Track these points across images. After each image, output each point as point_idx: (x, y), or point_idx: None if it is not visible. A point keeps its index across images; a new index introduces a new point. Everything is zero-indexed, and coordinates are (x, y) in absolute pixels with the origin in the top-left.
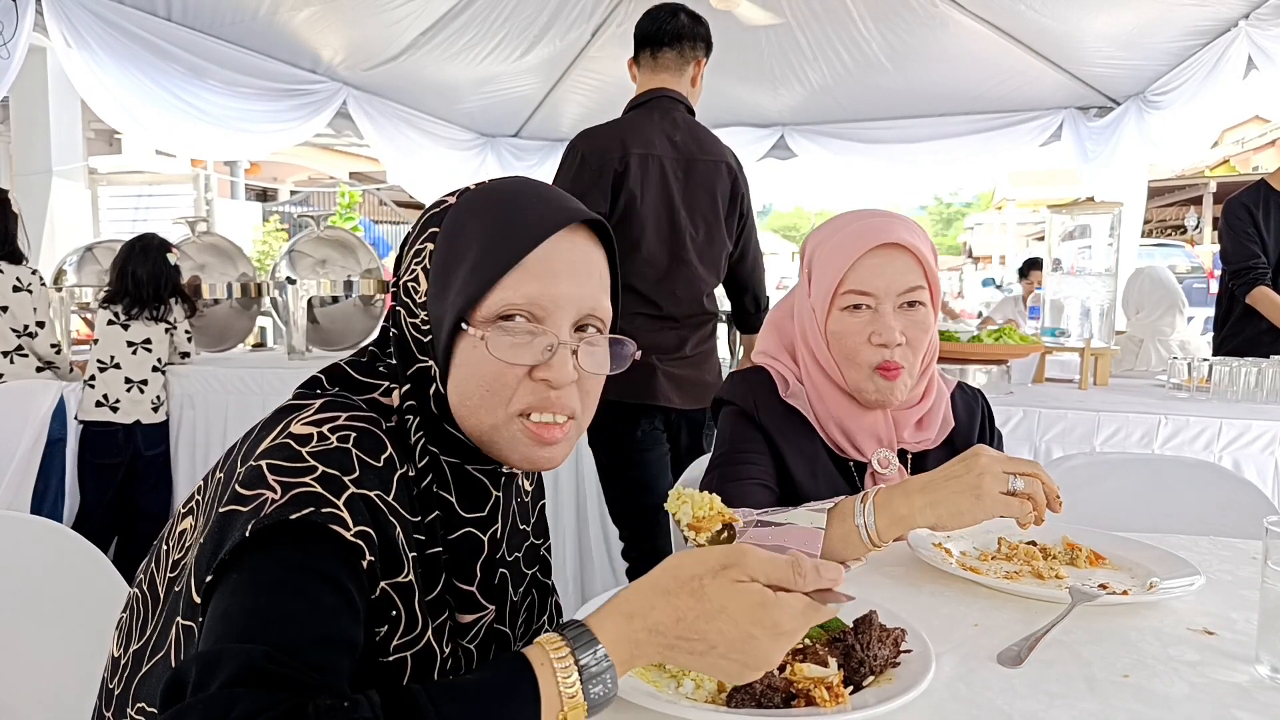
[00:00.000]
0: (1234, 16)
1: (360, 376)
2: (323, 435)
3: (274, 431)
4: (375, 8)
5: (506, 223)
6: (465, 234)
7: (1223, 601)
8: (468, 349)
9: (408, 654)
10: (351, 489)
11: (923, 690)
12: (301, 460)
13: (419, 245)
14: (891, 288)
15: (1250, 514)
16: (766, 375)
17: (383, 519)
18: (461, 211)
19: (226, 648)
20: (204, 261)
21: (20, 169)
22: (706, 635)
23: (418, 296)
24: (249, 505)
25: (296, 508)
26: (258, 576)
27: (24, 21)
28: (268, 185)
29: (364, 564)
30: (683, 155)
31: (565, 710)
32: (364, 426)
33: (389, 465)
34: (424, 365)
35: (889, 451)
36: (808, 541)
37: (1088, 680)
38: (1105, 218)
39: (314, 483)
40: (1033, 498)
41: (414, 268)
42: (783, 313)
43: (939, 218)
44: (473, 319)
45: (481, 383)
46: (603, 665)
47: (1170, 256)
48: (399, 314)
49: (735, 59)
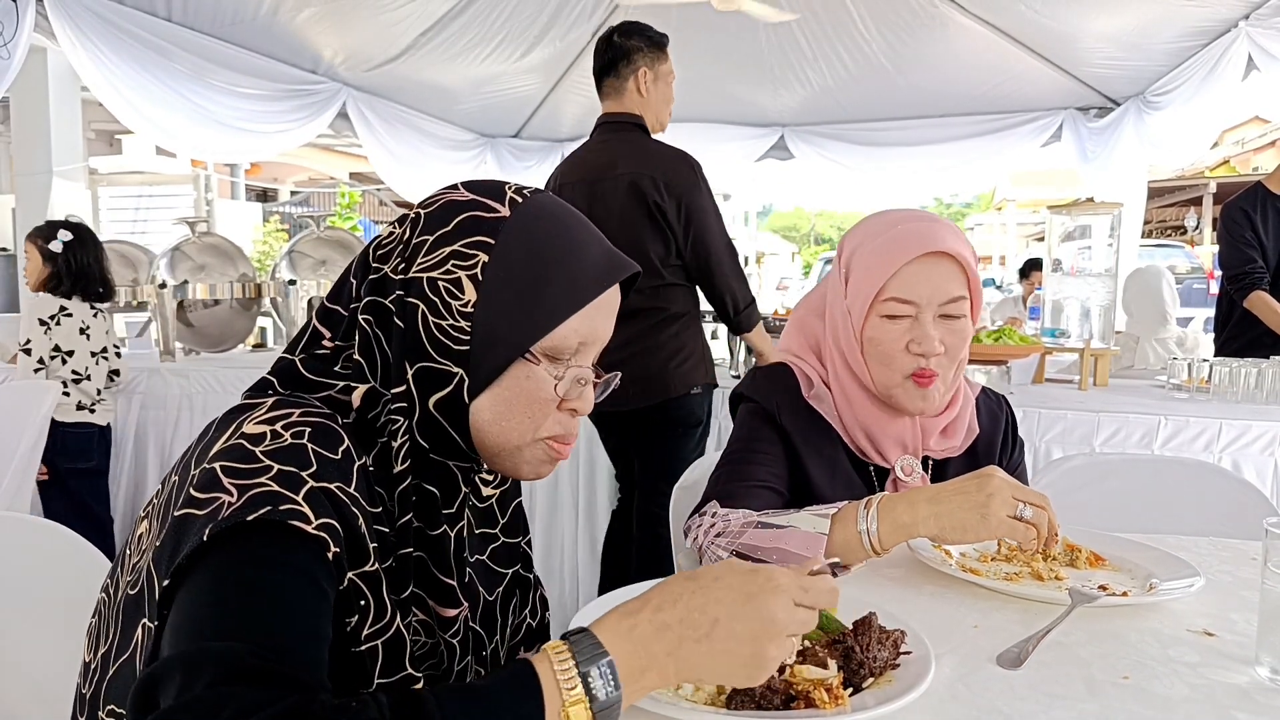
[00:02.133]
0: (1234, 17)
1: (314, 376)
2: (276, 433)
3: (226, 433)
4: (375, 8)
5: (576, 260)
6: (533, 259)
7: (1222, 603)
8: (520, 374)
9: (378, 642)
10: (310, 483)
11: (922, 692)
12: (255, 460)
13: (461, 249)
14: (934, 297)
15: (1250, 515)
16: (790, 373)
17: (345, 510)
18: (523, 231)
19: (207, 647)
20: (204, 262)
21: (20, 169)
22: (706, 607)
23: (456, 302)
24: (205, 509)
25: (253, 508)
26: (226, 575)
27: (24, 22)
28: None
29: (329, 555)
30: (593, 175)
31: (566, 708)
32: (319, 421)
33: (347, 457)
34: (439, 368)
35: (913, 459)
36: (809, 545)
37: (1087, 681)
38: (1105, 218)
39: (270, 482)
40: (1036, 528)
41: (453, 270)
42: (808, 310)
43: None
44: (534, 350)
45: (524, 407)
46: (604, 665)
47: (1170, 257)
48: (417, 311)
49: (735, 59)
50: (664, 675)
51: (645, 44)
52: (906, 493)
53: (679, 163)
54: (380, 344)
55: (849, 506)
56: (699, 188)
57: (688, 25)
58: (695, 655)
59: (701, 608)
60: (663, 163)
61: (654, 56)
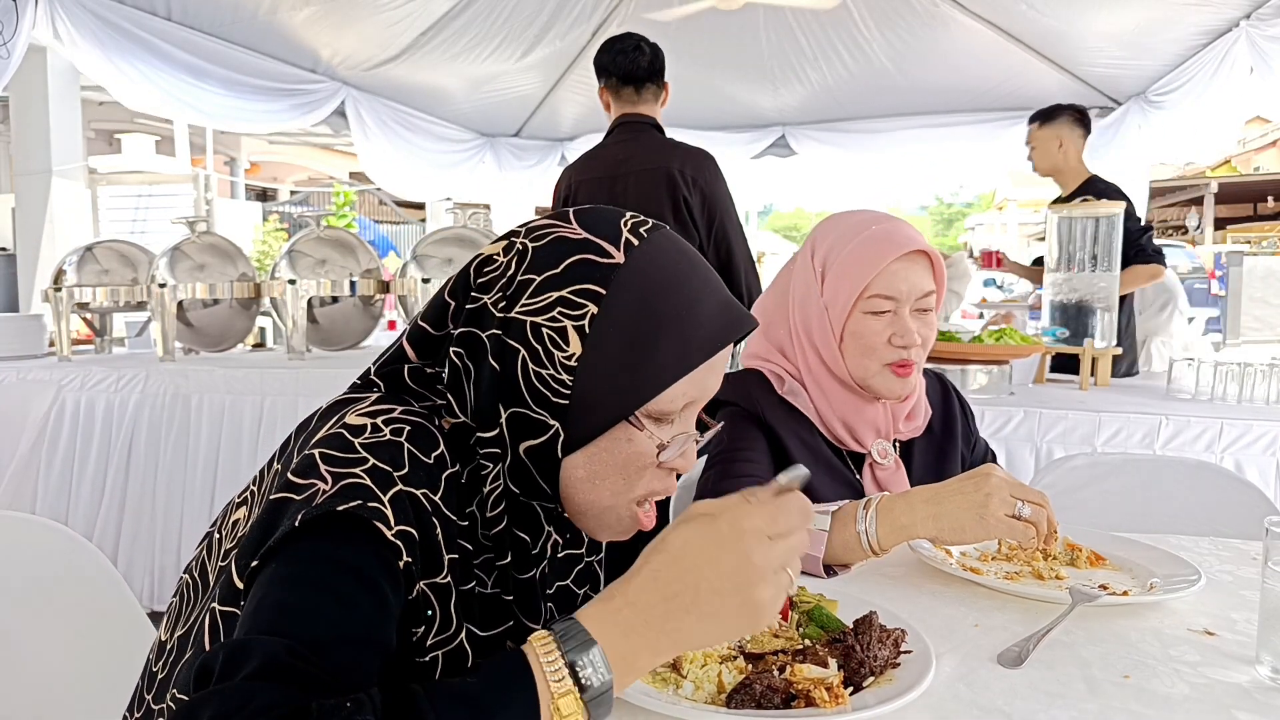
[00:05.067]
0: (1235, 17)
1: (417, 386)
2: (377, 427)
3: (330, 421)
4: (375, 8)
5: (691, 317)
6: (645, 315)
7: (1223, 602)
8: (621, 436)
9: (440, 653)
10: (399, 485)
11: (923, 691)
12: (353, 450)
13: (569, 296)
14: (912, 292)
15: (1251, 515)
16: (759, 375)
17: (425, 518)
18: (636, 283)
19: (255, 639)
20: (204, 261)
21: (20, 169)
22: (684, 575)
23: (560, 353)
24: (301, 494)
25: (344, 499)
26: (295, 570)
27: (24, 21)
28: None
29: (401, 564)
30: (624, 169)
31: (555, 699)
32: (419, 421)
33: (440, 463)
34: (535, 418)
35: (885, 442)
36: (810, 543)
37: (1088, 681)
38: (1106, 218)
39: (363, 474)
40: (1035, 526)
41: (559, 319)
42: (766, 314)
43: (940, 218)
44: (639, 414)
45: (621, 469)
46: (591, 650)
47: (1171, 257)
48: (517, 357)
49: (735, 59)
50: (658, 652)
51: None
52: (905, 494)
53: (702, 157)
54: (470, 378)
55: (848, 506)
56: (721, 181)
57: (688, 25)
58: (687, 625)
59: (680, 577)
60: (687, 157)
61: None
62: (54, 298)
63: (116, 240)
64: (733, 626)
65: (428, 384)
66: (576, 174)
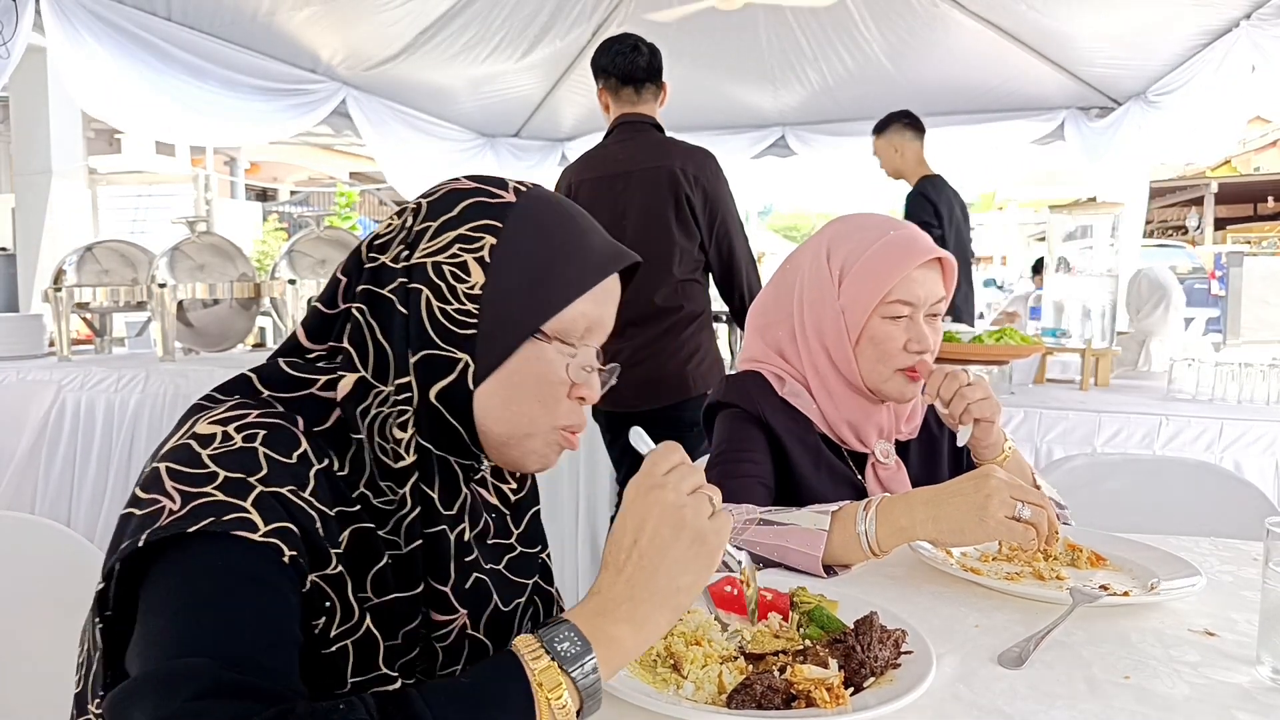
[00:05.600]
0: (1235, 17)
1: (296, 372)
2: (227, 435)
3: (181, 430)
4: (374, 8)
5: (582, 244)
6: (541, 245)
7: (1224, 602)
8: (530, 355)
9: (348, 642)
10: (259, 488)
11: (923, 691)
12: (201, 465)
13: (467, 233)
14: (928, 299)
15: (1251, 515)
16: (759, 376)
17: (299, 514)
18: (529, 215)
19: (174, 665)
20: (204, 261)
21: (20, 169)
22: (629, 549)
23: (462, 285)
24: (144, 509)
25: (195, 519)
26: (181, 589)
27: (23, 21)
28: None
29: (286, 559)
30: (626, 168)
31: (536, 675)
32: (274, 423)
33: (303, 461)
34: (443, 355)
35: (887, 443)
36: (809, 543)
37: (1089, 681)
38: (1106, 218)
39: (215, 491)
40: (1035, 528)
41: (459, 254)
42: (766, 317)
43: None
44: (545, 329)
45: (535, 390)
46: (561, 626)
47: (1171, 257)
48: (420, 296)
49: (735, 59)
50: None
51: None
52: (905, 495)
53: (704, 156)
54: (374, 334)
55: (849, 506)
56: (722, 180)
57: (687, 26)
58: (654, 585)
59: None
60: (689, 155)
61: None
62: (54, 298)
63: (116, 240)
64: (691, 564)
65: (308, 366)
66: (577, 174)
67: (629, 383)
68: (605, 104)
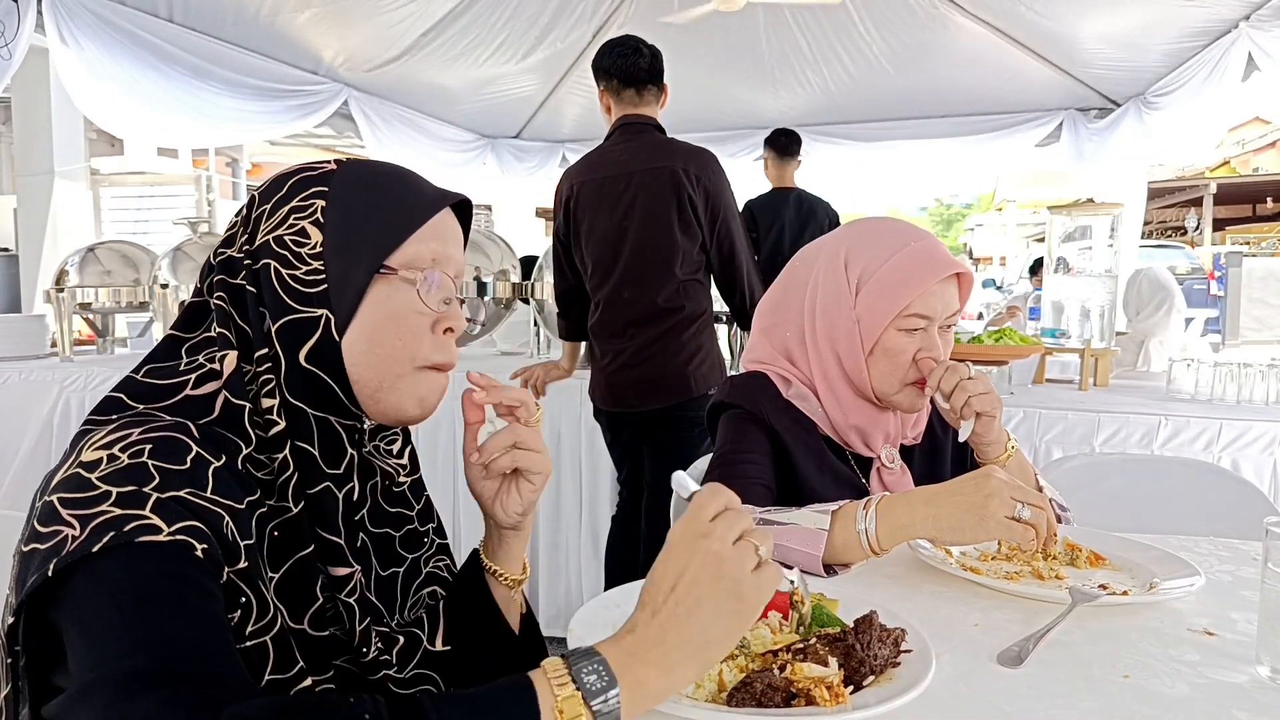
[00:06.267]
0: (1234, 18)
1: (161, 380)
2: (113, 456)
3: (66, 463)
4: (376, 9)
5: (408, 191)
6: (368, 194)
7: (1223, 602)
8: (382, 294)
9: (266, 639)
10: (155, 495)
11: (923, 690)
12: (92, 488)
13: (299, 203)
14: (945, 312)
15: (1250, 514)
16: (764, 378)
17: (203, 512)
18: (352, 175)
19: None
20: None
21: (22, 170)
22: (679, 581)
23: (304, 248)
24: (47, 543)
25: (97, 538)
26: (101, 605)
27: (25, 22)
28: None
29: (198, 553)
30: (627, 170)
31: (558, 702)
32: (160, 436)
33: (197, 463)
34: (303, 316)
35: (893, 449)
36: (810, 542)
37: (1088, 680)
38: (1105, 219)
39: (111, 508)
40: (1035, 528)
41: (295, 222)
42: (773, 320)
43: (939, 219)
44: (388, 264)
45: (395, 326)
46: (594, 658)
47: (1170, 258)
48: (269, 270)
49: (735, 61)
50: (667, 668)
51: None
52: (905, 494)
53: (706, 156)
54: (234, 321)
55: (849, 505)
56: (724, 180)
57: (688, 28)
58: (687, 631)
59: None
60: (691, 156)
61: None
62: (56, 298)
63: (119, 241)
64: (726, 618)
65: (172, 370)
66: (578, 175)
67: (631, 383)
68: (607, 106)
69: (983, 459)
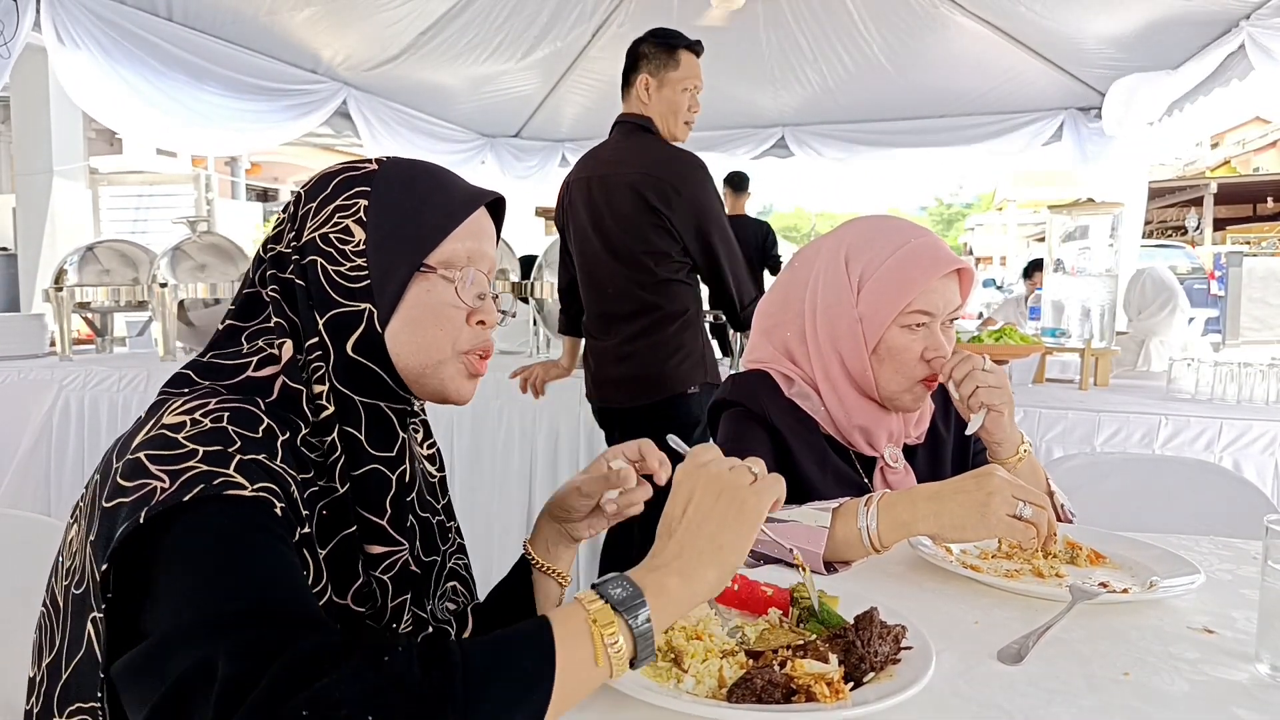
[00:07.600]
0: (1234, 17)
1: (226, 362)
2: (196, 420)
3: (147, 425)
4: (374, 8)
5: (446, 189)
6: (409, 194)
7: (1223, 600)
8: (422, 290)
9: (319, 605)
10: (238, 456)
11: (923, 687)
12: (180, 446)
13: (343, 202)
14: (946, 308)
15: (1250, 514)
16: (766, 376)
17: (277, 477)
18: (393, 176)
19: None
20: (204, 261)
21: (21, 169)
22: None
23: (349, 245)
24: (134, 495)
25: (187, 489)
26: (195, 554)
27: (24, 21)
28: (268, 185)
29: (277, 511)
30: (601, 170)
31: (600, 628)
32: (236, 405)
33: (268, 434)
34: (349, 310)
35: (896, 448)
36: (811, 539)
37: (1088, 678)
38: (1105, 219)
39: (198, 464)
40: (1036, 527)
41: (340, 221)
42: (773, 320)
43: (940, 218)
44: (428, 263)
45: (434, 319)
46: (624, 585)
47: (1171, 258)
48: (315, 265)
49: (735, 60)
50: (686, 574)
51: (654, 51)
52: (906, 491)
53: (682, 162)
54: (284, 312)
55: (850, 503)
56: (703, 185)
57: (686, 27)
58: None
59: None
60: (665, 162)
61: (660, 64)
62: (55, 297)
63: (117, 240)
64: (732, 522)
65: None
66: (573, 172)
67: (615, 379)
68: None
69: (993, 458)
